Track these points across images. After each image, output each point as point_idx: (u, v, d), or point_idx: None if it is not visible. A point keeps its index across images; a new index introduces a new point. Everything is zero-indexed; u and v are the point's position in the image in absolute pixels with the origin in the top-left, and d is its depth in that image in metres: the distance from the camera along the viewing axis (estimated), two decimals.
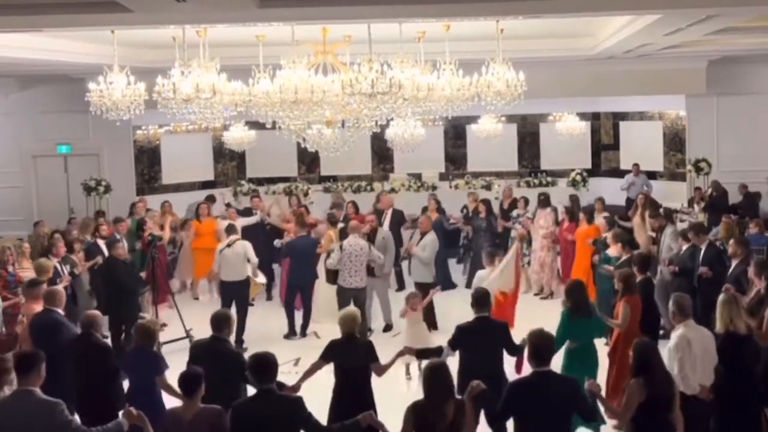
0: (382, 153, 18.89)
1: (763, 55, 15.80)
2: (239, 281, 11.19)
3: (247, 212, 14.61)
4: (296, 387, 6.63)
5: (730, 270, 9.28)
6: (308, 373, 6.99)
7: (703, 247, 10.01)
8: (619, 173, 18.41)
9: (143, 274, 11.58)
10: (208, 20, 8.70)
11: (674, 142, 18.14)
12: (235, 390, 6.52)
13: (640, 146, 18.53)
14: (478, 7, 8.42)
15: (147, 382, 6.80)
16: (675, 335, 6.81)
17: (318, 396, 6.77)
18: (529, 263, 13.61)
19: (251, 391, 6.09)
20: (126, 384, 7.13)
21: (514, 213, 14.18)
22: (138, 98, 9.22)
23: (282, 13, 8.27)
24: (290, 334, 11.56)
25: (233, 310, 11.01)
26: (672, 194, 17.03)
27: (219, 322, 6.94)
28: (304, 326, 11.65)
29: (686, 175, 17.49)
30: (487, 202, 14.39)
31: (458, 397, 5.55)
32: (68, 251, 11.01)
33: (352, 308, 7.73)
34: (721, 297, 7.16)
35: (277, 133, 9.97)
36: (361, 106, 8.70)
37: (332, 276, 11.22)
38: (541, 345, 5.63)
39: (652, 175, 17.97)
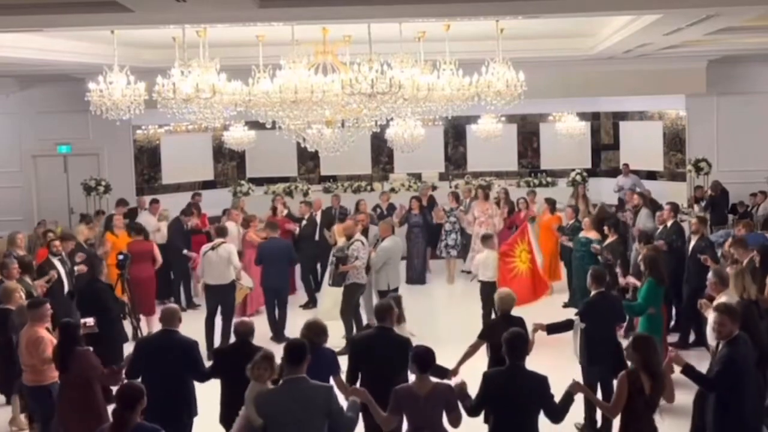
0: (380, 152, 18.96)
1: (763, 55, 15.80)
2: (224, 285, 10.90)
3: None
4: (455, 371, 6.80)
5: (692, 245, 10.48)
6: (468, 355, 7.30)
7: (669, 223, 11.22)
8: (619, 173, 18.37)
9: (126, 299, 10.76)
10: (208, 20, 8.70)
11: (674, 142, 18.12)
12: (405, 377, 6.43)
13: (640, 146, 18.52)
14: (478, 7, 8.43)
15: (320, 380, 6.45)
16: (715, 305, 7.13)
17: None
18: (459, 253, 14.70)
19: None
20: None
21: (448, 207, 15.08)
22: (138, 98, 9.23)
23: (282, 13, 8.28)
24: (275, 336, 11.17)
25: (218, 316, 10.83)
26: (672, 194, 16.95)
27: (382, 312, 6.93)
28: (282, 330, 11.23)
29: (686, 175, 17.48)
30: (420, 200, 15.05)
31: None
32: (25, 271, 9.47)
33: (507, 289, 8.19)
34: (732, 270, 8.10)
35: (277, 133, 9.97)
36: (361, 106, 8.70)
37: (340, 278, 10.96)
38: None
39: (652, 175, 17.98)
